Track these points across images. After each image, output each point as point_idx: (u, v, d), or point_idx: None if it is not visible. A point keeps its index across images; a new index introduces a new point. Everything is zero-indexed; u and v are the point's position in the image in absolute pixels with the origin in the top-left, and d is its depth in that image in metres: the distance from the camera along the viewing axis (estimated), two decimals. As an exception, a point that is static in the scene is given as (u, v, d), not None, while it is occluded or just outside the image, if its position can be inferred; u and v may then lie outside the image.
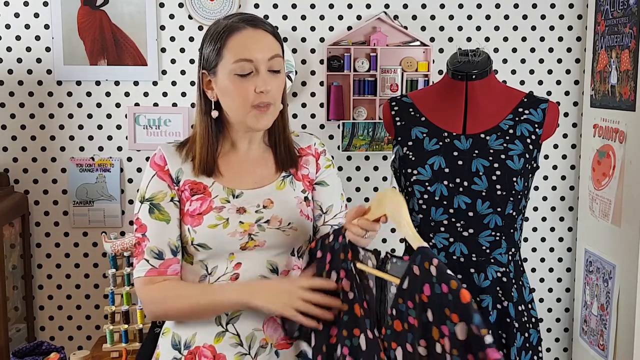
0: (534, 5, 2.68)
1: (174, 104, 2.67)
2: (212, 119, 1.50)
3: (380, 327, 1.32)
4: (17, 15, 2.60)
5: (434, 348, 1.21)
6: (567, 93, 2.74)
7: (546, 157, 2.75)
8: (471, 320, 1.15)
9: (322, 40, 2.67)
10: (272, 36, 1.47)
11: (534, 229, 2.80)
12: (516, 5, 2.68)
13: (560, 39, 2.71)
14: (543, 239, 2.81)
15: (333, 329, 1.37)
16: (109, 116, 2.66)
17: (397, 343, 1.28)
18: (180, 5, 2.62)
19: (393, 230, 2.73)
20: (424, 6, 2.67)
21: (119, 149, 2.68)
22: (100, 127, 2.66)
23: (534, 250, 2.81)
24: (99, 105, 2.66)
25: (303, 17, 2.66)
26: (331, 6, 2.66)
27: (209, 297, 1.44)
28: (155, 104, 2.67)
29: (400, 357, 1.27)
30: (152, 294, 1.47)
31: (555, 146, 2.76)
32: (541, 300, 2.82)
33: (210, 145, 1.50)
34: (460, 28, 2.69)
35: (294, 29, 2.65)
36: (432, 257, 1.23)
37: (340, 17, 2.66)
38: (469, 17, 2.68)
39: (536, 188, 2.76)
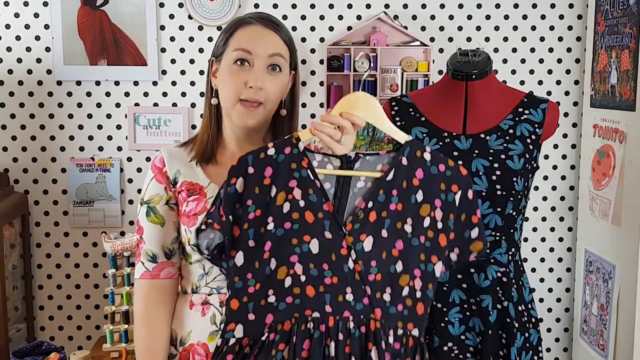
0: (534, 5, 2.68)
1: (174, 104, 2.67)
2: (213, 107, 1.53)
3: (344, 224, 1.36)
4: (17, 15, 2.60)
5: (421, 223, 1.37)
6: (567, 93, 2.74)
7: (546, 157, 2.75)
8: (470, 187, 1.40)
9: (322, 40, 2.67)
10: (280, 39, 1.49)
11: (534, 229, 2.80)
12: (516, 5, 2.68)
13: (560, 39, 2.71)
14: (543, 239, 2.81)
15: (267, 243, 1.35)
16: (109, 116, 2.66)
17: (367, 233, 1.35)
18: (180, 5, 2.62)
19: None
20: (424, 6, 2.67)
21: (119, 149, 2.68)
22: (100, 127, 2.66)
23: (534, 250, 2.81)
24: (99, 105, 2.66)
25: (303, 17, 2.66)
26: (331, 6, 2.66)
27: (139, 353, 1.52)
28: (155, 104, 2.67)
29: (370, 245, 1.35)
30: (135, 309, 1.55)
31: (555, 146, 2.76)
32: (541, 300, 2.82)
33: (211, 132, 1.53)
34: (460, 28, 2.69)
35: (294, 29, 2.65)
36: (423, 146, 1.41)
37: (340, 17, 2.66)
38: (469, 17, 2.68)
39: (536, 188, 2.76)
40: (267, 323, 1.34)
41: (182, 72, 2.66)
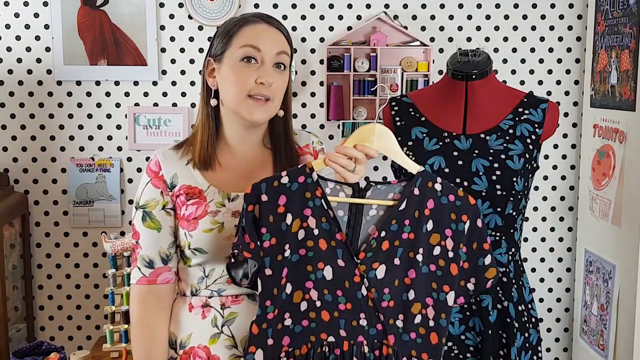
0: (534, 5, 2.68)
1: (174, 104, 2.67)
2: (212, 108, 1.51)
3: (357, 252, 1.40)
4: (17, 15, 2.60)
5: (432, 252, 1.41)
6: (567, 93, 2.74)
7: (546, 157, 2.75)
8: (479, 215, 1.43)
9: (322, 40, 2.67)
10: (283, 36, 1.49)
11: (534, 229, 2.80)
12: (516, 5, 2.68)
13: (560, 39, 2.71)
14: (543, 239, 2.81)
15: (284, 269, 1.38)
16: (109, 116, 2.66)
17: (379, 262, 1.39)
18: (180, 5, 2.62)
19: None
20: (424, 6, 2.67)
21: (119, 149, 2.68)
22: (100, 127, 2.66)
23: (534, 250, 2.81)
24: (99, 105, 2.66)
25: (303, 17, 2.66)
26: (331, 6, 2.66)
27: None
28: (155, 104, 2.67)
29: (382, 273, 1.39)
30: (132, 314, 1.53)
31: (555, 146, 2.76)
32: (541, 300, 2.82)
33: (210, 134, 1.51)
34: (460, 28, 2.69)
35: (294, 29, 2.65)
36: (434, 176, 1.43)
37: (340, 17, 2.66)
38: (469, 17, 2.68)
39: (536, 188, 2.76)
40: (284, 345, 1.38)
41: (182, 72, 2.66)
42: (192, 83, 2.66)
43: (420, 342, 1.39)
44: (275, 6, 2.64)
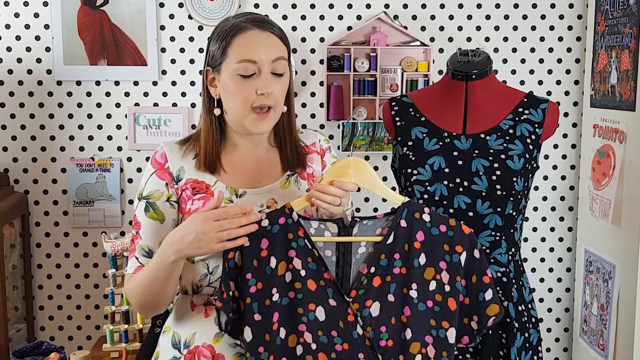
0: (534, 5, 2.68)
1: (174, 104, 2.67)
2: (215, 116, 1.50)
3: (346, 290, 1.36)
4: (17, 15, 2.60)
5: (427, 287, 1.35)
6: (567, 93, 2.74)
7: (546, 157, 2.75)
8: (475, 245, 1.36)
9: (322, 40, 2.67)
10: (278, 39, 1.46)
11: (534, 229, 2.80)
12: (516, 5, 2.68)
13: (560, 39, 2.71)
14: (543, 239, 2.81)
15: (274, 314, 1.36)
16: (109, 116, 2.66)
17: (373, 299, 1.35)
18: (180, 5, 2.62)
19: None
20: (424, 6, 2.67)
21: (119, 149, 2.68)
22: (100, 127, 2.66)
23: (534, 250, 2.81)
24: (99, 105, 2.66)
25: (303, 17, 2.66)
26: (331, 6, 2.66)
27: (149, 269, 1.42)
28: (155, 104, 2.67)
29: (377, 310, 1.35)
30: (126, 289, 1.50)
31: (555, 146, 2.76)
32: (541, 300, 2.82)
33: (214, 141, 1.50)
34: (460, 28, 2.69)
35: (294, 29, 2.65)
36: (421, 206, 1.39)
37: (340, 17, 2.66)
38: (469, 17, 2.68)
39: (536, 188, 2.76)
40: None
41: (182, 72, 2.66)
42: (192, 83, 2.66)
43: None
44: (275, 6, 2.64)
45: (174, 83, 2.66)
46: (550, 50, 2.71)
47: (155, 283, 1.42)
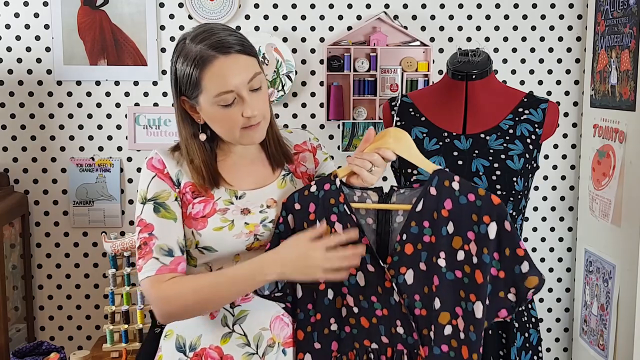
0: (534, 5, 2.68)
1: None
2: (201, 140, 1.47)
3: (385, 258, 1.39)
4: (17, 15, 2.60)
5: (455, 257, 1.34)
6: (567, 93, 2.74)
7: (546, 157, 2.75)
8: (505, 217, 1.32)
9: (322, 40, 2.67)
10: (244, 55, 1.40)
11: (534, 229, 2.80)
12: (516, 5, 2.68)
13: (560, 39, 2.71)
14: (543, 239, 2.81)
15: None
16: (109, 116, 2.66)
17: (407, 266, 1.37)
18: (180, 5, 2.62)
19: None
20: (424, 6, 2.67)
21: (119, 149, 2.68)
22: (100, 127, 2.67)
23: (534, 250, 2.81)
24: (99, 105, 2.66)
25: (303, 17, 2.66)
26: (331, 6, 2.66)
27: (225, 277, 1.39)
28: (155, 104, 2.67)
29: (411, 278, 1.36)
30: (165, 293, 1.38)
31: (555, 146, 2.76)
32: (541, 300, 2.82)
33: (210, 162, 1.48)
34: (460, 28, 2.69)
35: (294, 29, 2.65)
36: (452, 175, 1.37)
37: (340, 17, 2.66)
38: (469, 17, 2.68)
39: (536, 188, 2.76)
40: (333, 350, 1.41)
41: (182, 72, 2.66)
42: (192, 83, 2.66)
43: (453, 355, 1.32)
44: (275, 6, 2.64)
45: (174, 83, 2.66)
46: (550, 50, 2.71)
47: (230, 291, 1.40)
